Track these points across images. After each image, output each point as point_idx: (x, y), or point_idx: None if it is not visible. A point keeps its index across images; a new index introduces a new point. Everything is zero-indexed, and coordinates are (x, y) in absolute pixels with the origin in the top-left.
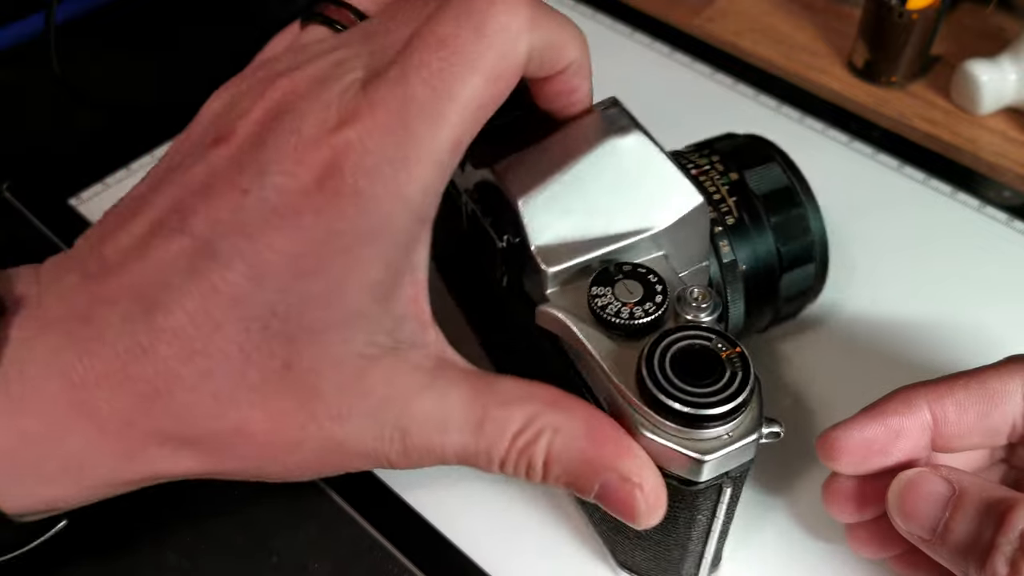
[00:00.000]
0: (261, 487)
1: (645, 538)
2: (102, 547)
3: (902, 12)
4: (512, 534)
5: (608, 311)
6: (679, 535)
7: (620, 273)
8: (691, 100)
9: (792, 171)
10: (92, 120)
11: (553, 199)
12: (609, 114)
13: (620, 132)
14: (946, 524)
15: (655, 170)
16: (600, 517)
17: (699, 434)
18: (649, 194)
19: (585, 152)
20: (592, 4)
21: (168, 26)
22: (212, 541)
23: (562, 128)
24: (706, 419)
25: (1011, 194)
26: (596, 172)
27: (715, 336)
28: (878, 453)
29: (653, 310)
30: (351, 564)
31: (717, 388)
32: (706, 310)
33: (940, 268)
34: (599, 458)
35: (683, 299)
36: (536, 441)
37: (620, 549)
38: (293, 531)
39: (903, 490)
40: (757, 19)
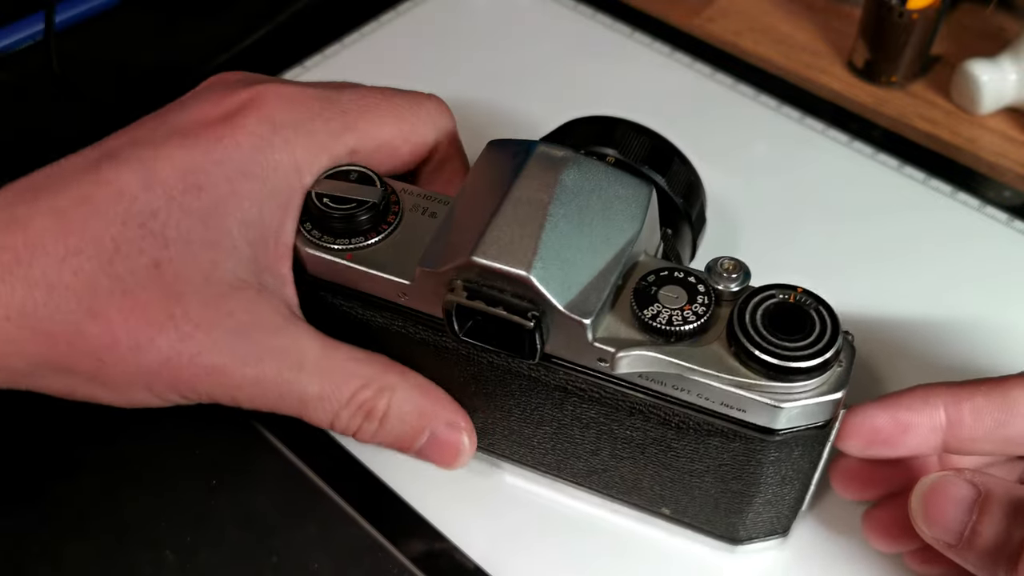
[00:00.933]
0: (263, 487)
1: (712, 486)
2: (102, 547)
3: (902, 12)
4: (512, 534)
5: (675, 323)
6: (755, 483)
7: (651, 286)
8: (691, 100)
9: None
10: (92, 120)
11: (549, 258)
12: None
13: (555, 168)
14: (973, 528)
15: (604, 181)
16: (669, 476)
17: (785, 386)
18: (614, 206)
19: (541, 202)
20: (592, 4)
21: (168, 26)
22: (212, 541)
23: (501, 196)
24: (793, 371)
25: (1011, 194)
26: (562, 213)
27: (806, 296)
28: (883, 443)
29: (707, 301)
30: (351, 564)
31: (805, 343)
32: (736, 279)
33: (940, 268)
34: (431, 409)
35: (713, 271)
36: (378, 396)
37: (681, 504)
38: (293, 531)
39: (926, 495)
40: (757, 19)
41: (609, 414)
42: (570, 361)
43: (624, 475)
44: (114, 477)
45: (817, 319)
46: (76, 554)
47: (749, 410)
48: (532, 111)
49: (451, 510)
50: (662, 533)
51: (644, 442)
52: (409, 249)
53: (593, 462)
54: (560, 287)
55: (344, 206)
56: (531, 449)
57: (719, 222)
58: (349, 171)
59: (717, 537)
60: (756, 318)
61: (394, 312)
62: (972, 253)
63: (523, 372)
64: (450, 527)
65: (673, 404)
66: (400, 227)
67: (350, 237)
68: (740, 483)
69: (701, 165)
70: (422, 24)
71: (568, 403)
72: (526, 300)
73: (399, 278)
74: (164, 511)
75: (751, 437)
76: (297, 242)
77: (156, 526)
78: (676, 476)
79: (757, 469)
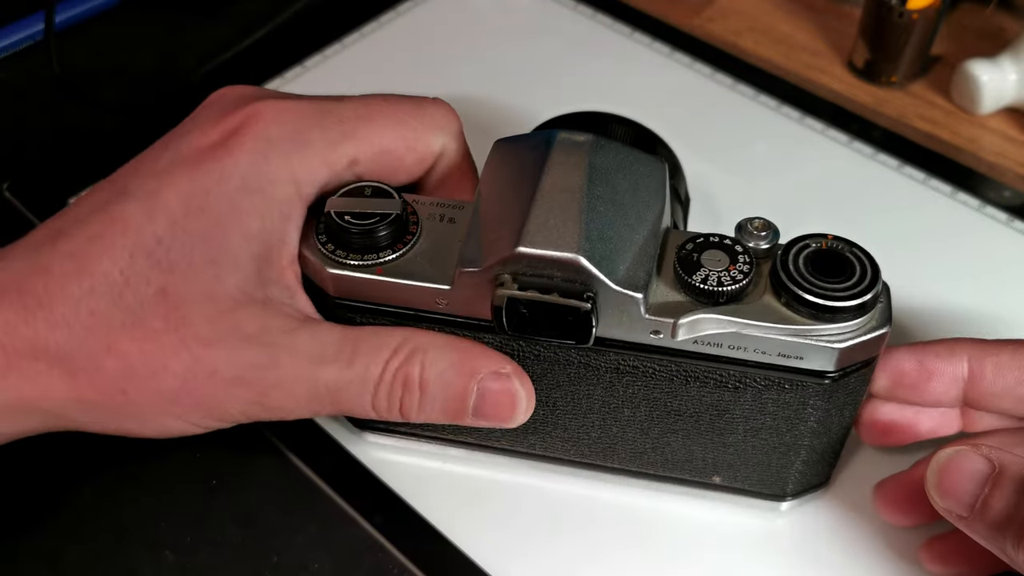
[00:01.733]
0: (263, 487)
1: (765, 443)
2: (101, 547)
3: (902, 12)
4: (512, 534)
5: (724, 283)
6: (805, 433)
7: (692, 253)
8: (691, 100)
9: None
10: (92, 120)
11: (594, 238)
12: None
13: (582, 152)
14: (984, 500)
15: (626, 160)
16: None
17: (833, 328)
18: (640, 183)
19: (575, 185)
20: (592, 4)
21: (168, 26)
22: (212, 541)
23: (533, 186)
24: (845, 311)
25: (1011, 194)
26: (598, 194)
27: (837, 241)
28: (908, 387)
29: (749, 259)
30: (351, 564)
31: (851, 283)
32: (765, 238)
33: (940, 268)
34: (470, 362)
35: (744, 230)
36: (410, 361)
37: (733, 469)
38: (293, 531)
39: (942, 468)
40: (757, 19)
41: (664, 387)
42: (622, 339)
43: (675, 450)
44: (114, 478)
45: (855, 260)
46: (76, 554)
47: (807, 356)
48: (532, 111)
49: (452, 509)
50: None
51: (699, 410)
52: (437, 256)
53: (643, 443)
54: (609, 265)
55: (366, 221)
56: (576, 443)
57: (719, 222)
58: (363, 187)
59: (765, 497)
60: (799, 266)
61: (431, 321)
62: (972, 253)
63: (572, 360)
64: (450, 527)
65: (731, 364)
66: (422, 236)
67: (377, 251)
68: (793, 434)
69: (701, 165)
70: (422, 24)
71: (620, 384)
72: (578, 282)
73: (436, 284)
74: (164, 511)
75: (808, 384)
76: (319, 265)
77: (156, 526)
78: (730, 440)
79: (811, 416)
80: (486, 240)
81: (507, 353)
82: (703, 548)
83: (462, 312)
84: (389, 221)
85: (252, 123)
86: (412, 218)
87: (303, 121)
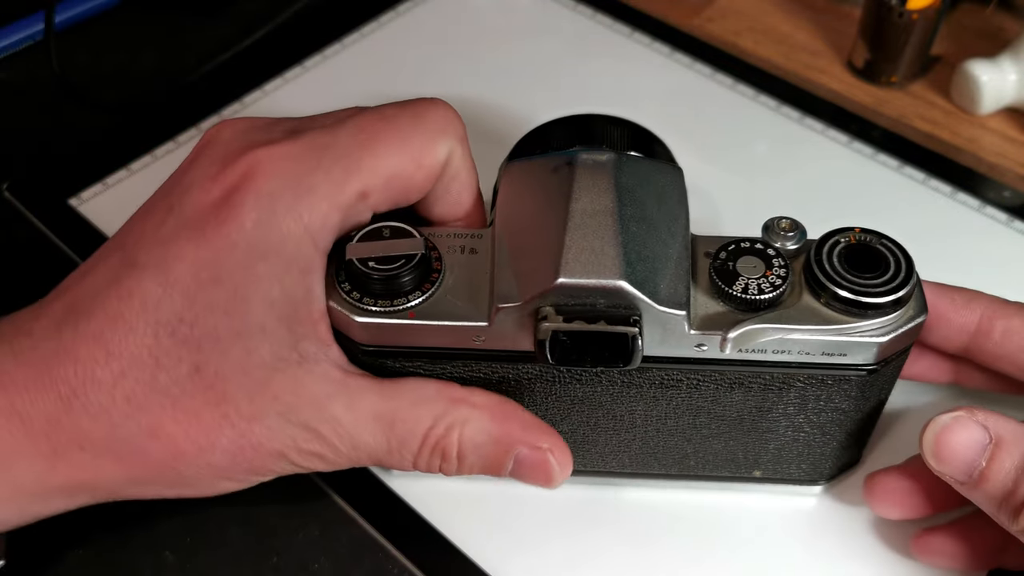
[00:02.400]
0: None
1: (806, 435)
2: (101, 547)
3: (902, 12)
4: (512, 534)
5: (765, 290)
6: (844, 421)
7: (727, 262)
8: (691, 100)
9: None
10: (92, 120)
11: (633, 260)
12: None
13: (607, 172)
14: (982, 473)
15: (648, 174)
16: (765, 438)
17: (875, 323)
18: (664, 195)
19: (607, 208)
20: (592, 4)
21: (168, 26)
22: (212, 541)
23: (564, 212)
24: (887, 305)
25: (1011, 194)
26: (630, 215)
27: (864, 234)
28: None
29: (783, 263)
30: (351, 564)
31: (888, 277)
32: (792, 238)
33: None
34: (508, 436)
35: (772, 230)
36: (448, 435)
37: (775, 462)
38: (293, 531)
39: (938, 435)
40: (757, 19)
41: (708, 396)
42: (667, 355)
43: (717, 452)
44: None
45: (887, 253)
46: (76, 555)
47: (850, 353)
48: (532, 111)
49: (451, 510)
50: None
51: (742, 413)
52: (467, 291)
53: (684, 448)
54: (651, 287)
55: (391, 266)
56: (617, 456)
57: (720, 221)
58: (380, 228)
59: (803, 483)
60: (835, 264)
61: (467, 359)
62: (972, 253)
63: (615, 379)
64: (450, 527)
65: (775, 368)
66: (447, 272)
67: (406, 295)
68: (836, 425)
69: (701, 165)
70: (422, 24)
71: (664, 397)
72: (622, 307)
73: (473, 322)
74: (164, 512)
75: (851, 379)
76: (345, 315)
77: (156, 527)
78: (773, 437)
79: (853, 406)
80: (520, 272)
81: (548, 380)
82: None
83: (501, 346)
84: (415, 263)
85: (251, 179)
86: (435, 254)
87: (302, 166)
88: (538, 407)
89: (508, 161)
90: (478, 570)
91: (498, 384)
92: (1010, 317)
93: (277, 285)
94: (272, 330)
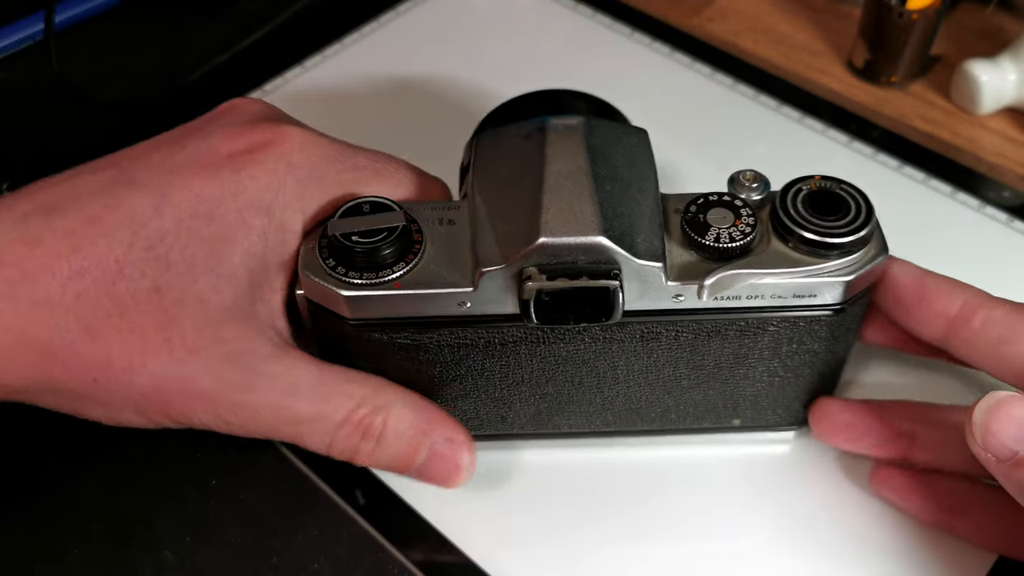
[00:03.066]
0: (263, 487)
1: (780, 379)
2: (102, 547)
3: (902, 12)
4: (513, 534)
5: (736, 238)
6: (816, 362)
7: (697, 215)
8: (691, 100)
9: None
10: (92, 120)
11: (609, 217)
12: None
13: (577, 135)
14: (1019, 459)
15: (616, 135)
16: (743, 384)
17: (841, 262)
18: (632, 154)
19: (580, 169)
20: (592, 4)
21: (168, 26)
22: (212, 541)
23: (539, 175)
24: (851, 244)
25: (1011, 194)
26: (603, 174)
27: (824, 180)
28: (895, 299)
29: (751, 211)
30: (351, 564)
31: (850, 218)
32: (757, 189)
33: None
34: (428, 426)
35: (736, 182)
36: (374, 415)
37: (753, 408)
38: (293, 531)
39: (992, 408)
40: (757, 19)
41: (687, 346)
42: (647, 308)
43: (698, 403)
44: (114, 477)
45: (847, 196)
46: (76, 554)
47: (820, 293)
48: None
49: (451, 510)
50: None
51: (720, 361)
52: (450, 259)
53: (666, 402)
54: (628, 241)
55: (375, 238)
56: (602, 414)
57: None
58: (360, 204)
59: (779, 428)
60: (800, 210)
61: (452, 326)
62: (972, 253)
63: (597, 335)
64: (450, 527)
65: (750, 312)
66: (428, 242)
67: (390, 266)
68: (808, 367)
69: (701, 164)
70: (422, 24)
71: (644, 350)
72: (602, 263)
73: (457, 288)
74: (164, 511)
75: (821, 318)
76: (331, 290)
77: (156, 526)
78: (750, 382)
79: (824, 347)
80: (501, 235)
81: (532, 341)
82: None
83: (486, 310)
84: (397, 234)
85: (279, 143)
86: (414, 226)
87: (324, 157)
88: (524, 368)
89: (476, 135)
90: (478, 569)
91: (484, 348)
92: (992, 307)
93: (261, 242)
94: (241, 280)
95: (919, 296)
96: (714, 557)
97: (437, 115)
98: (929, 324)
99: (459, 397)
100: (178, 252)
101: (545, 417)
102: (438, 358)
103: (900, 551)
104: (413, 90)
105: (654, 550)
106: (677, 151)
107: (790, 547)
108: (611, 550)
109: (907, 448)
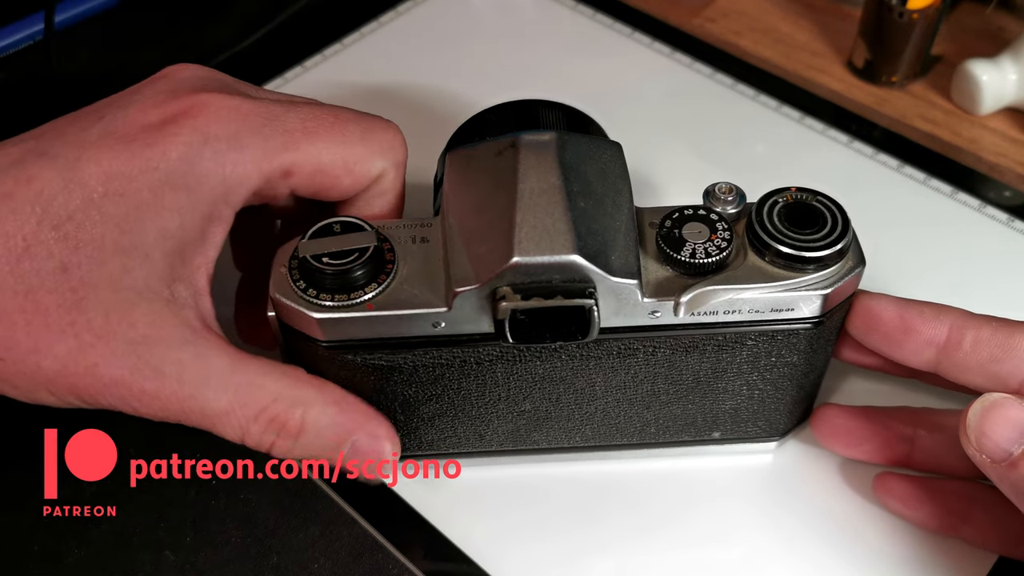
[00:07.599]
0: (261, 486)
1: (760, 392)
2: (102, 547)
3: (902, 12)
4: (512, 534)
5: (711, 254)
6: (795, 375)
7: (672, 229)
8: (691, 100)
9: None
10: None
11: (583, 234)
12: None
13: (550, 151)
14: (1014, 460)
15: (589, 150)
16: (722, 398)
17: (818, 276)
18: (606, 169)
19: (553, 186)
20: (592, 4)
21: (168, 26)
22: (212, 541)
23: (512, 193)
24: (828, 258)
25: (1011, 194)
26: (576, 191)
27: (800, 192)
28: (883, 335)
29: (726, 226)
30: (351, 564)
31: (827, 231)
32: (732, 202)
33: (940, 268)
34: (350, 422)
35: (712, 195)
36: (290, 411)
37: (733, 421)
38: (293, 531)
39: (986, 409)
40: (757, 19)
41: (664, 361)
42: (623, 325)
43: (677, 416)
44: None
45: (823, 209)
46: (76, 555)
47: (797, 307)
48: None
49: (451, 510)
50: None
51: (698, 375)
52: (424, 279)
53: (645, 416)
54: (603, 259)
55: (346, 260)
56: (581, 430)
57: None
58: (330, 224)
59: (762, 440)
60: (776, 224)
61: (427, 346)
62: (972, 253)
63: (575, 355)
64: (450, 527)
65: (727, 327)
66: (401, 262)
67: (363, 287)
68: (787, 380)
69: (701, 165)
70: (422, 24)
71: (622, 367)
72: (577, 281)
73: (431, 308)
74: (164, 511)
75: (799, 332)
76: (302, 312)
77: (156, 526)
78: (729, 396)
79: (803, 360)
80: (474, 255)
81: (509, 360)
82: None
83: (460, 330)
84: (369, 255)
85: (194, 114)
86: (386, 246)
87: (245, 123)
88: (500, 387)
89: (448, 150)
90: (478, 570)
91: (460, 368)
92: (979, 327)
93: (177, 219)
94: (155, 260)
95: (904, 329)
96: (709, 564)
97: (437, 115)
98: (919, 353)
99: (435, 416)
100: (87, 231)
101: (524, 434)
102: (413, 378)
103: (895, 554)
104: (413, 90)
105: (648, 558)
106: (677, 151)
107: (783, 555)
108: (606, 555)
109: (907, 453)
